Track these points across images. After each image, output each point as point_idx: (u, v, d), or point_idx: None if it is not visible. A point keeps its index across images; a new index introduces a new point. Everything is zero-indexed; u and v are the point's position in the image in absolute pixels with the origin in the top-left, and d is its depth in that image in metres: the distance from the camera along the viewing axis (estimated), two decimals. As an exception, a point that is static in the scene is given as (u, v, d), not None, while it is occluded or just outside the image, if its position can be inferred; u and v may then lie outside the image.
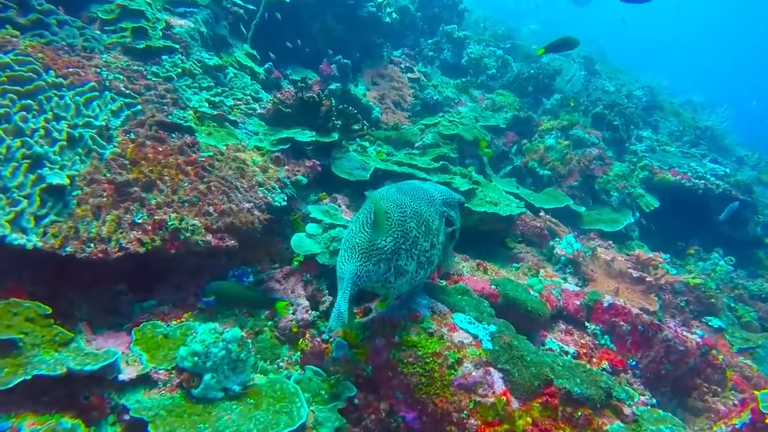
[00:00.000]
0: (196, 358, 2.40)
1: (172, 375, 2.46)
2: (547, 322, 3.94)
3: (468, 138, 6.03)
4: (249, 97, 4.65)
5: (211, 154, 3.43)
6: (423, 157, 5.81)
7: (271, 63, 6.14)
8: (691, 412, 3.91)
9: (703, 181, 6.76)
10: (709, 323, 5.43)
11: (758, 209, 7.30)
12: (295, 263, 3.46)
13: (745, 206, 6.98)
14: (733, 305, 5.92)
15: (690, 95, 13.01)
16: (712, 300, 5.50)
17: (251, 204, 3.22)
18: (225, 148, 3.65)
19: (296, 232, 3.60)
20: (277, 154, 3.85)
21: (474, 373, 2.54)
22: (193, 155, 3.36)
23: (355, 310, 3.05)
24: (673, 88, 13.03)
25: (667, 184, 6.75)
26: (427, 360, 2.59)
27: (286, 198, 3.48)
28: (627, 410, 2.52)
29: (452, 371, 2.55)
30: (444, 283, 3.89)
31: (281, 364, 2.96)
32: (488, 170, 6.25)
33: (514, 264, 4.86)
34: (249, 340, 2.59)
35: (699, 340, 3.87)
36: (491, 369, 2.57)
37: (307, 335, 3.00)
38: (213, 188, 3.19)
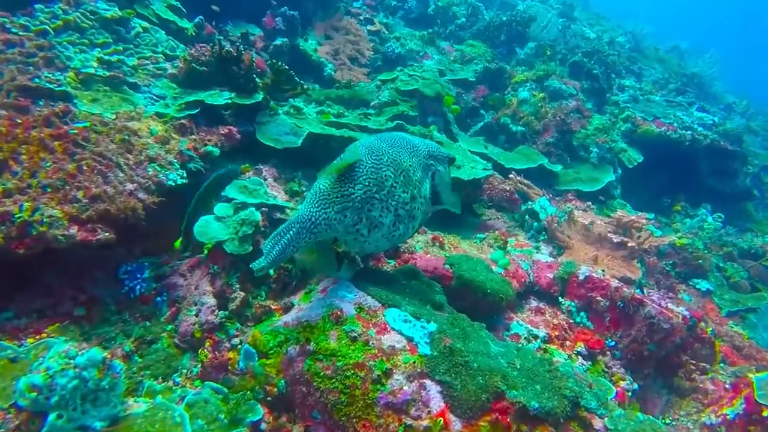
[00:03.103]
0: (34, 394, 1.83)
1: (10, 415, 1.89)
2: (514, 302, 3.43)
3: (429, 94, 5.35)
4: (160, 56, 3.92)
5: (87, 124, 2.75)
6: (378, 117, 5.14)
7: (202, 17, 5.34)
8: (676, 393, 3.48)
9: (689, 132, 6.19)
10: (697, 286, 5.03)
11: (748, 160, 6.79)
12: (205, 251, 2.86)
13: (734, 157, 6.46)
14: (722, 265, 5.49)
15: (677, 41, 12.29)
16: (700, 261, 5.06)
17: (135, 185, 2.58)
18: (113, 116, 2.97)
19: (207, 213, 2.99)
20: (182, 121, 3.18)
21: (405, 388, 2.01)
22: (64, 127, 2.68)
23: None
24: (659, 34, 12.31)
25: (652, 136, 6.18)
26: (348, 373, 2.05)
27: (185, 175, 2.84)
28: (597, 423, 2.01)
29: (378, 386, 2.01)
30: (393, 263, 3.33)
31: (178, 379, 2.40)
32: (454, 129, 5.60)
33: (479, 234, 4.30)
34: (116, 361, 2.01)
35: (686, 313, 3.39)
36: (427, 381, 2.03)
37: (208, 344, 2.44)
38: (85, 168, 2.54)
